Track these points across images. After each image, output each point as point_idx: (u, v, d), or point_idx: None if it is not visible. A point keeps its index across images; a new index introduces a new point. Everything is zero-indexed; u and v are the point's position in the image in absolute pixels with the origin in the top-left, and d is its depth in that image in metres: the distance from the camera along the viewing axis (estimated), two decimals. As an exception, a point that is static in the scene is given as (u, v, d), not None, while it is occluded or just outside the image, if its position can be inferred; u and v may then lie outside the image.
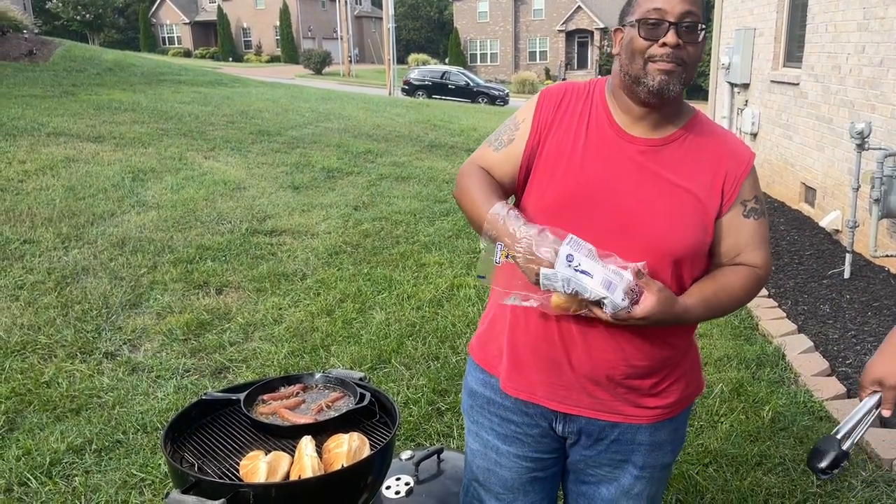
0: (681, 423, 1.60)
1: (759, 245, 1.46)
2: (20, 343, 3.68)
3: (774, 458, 2.94)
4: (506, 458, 1.61)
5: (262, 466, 1.38)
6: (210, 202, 6.37)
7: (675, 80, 1.37)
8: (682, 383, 1.55)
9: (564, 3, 44.25)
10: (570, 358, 1.47)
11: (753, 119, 8.07)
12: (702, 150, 1.46)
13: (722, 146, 1.47)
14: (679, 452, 1.66)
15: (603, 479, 1.59)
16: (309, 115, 12.11)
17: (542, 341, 1.49)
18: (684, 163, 1.44)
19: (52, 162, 7.13)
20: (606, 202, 1.40)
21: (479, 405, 1.64)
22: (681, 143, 1.45)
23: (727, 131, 1.53)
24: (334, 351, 3.76)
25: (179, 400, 3.21)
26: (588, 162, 1.43)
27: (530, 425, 1.57)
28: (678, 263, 1.42)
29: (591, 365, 1.46)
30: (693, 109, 1.51)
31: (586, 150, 1.44)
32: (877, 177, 4.62)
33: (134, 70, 16.03)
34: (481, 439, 1.64)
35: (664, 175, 1.42)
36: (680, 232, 1.40)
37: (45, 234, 5.23)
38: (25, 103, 10.19)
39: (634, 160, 1.43)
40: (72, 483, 2.65)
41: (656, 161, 1.43)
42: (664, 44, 1.35)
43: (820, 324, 4.27)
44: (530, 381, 1.53)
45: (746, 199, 1.46)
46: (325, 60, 39.78)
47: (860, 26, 5.56)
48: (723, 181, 1.44)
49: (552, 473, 1.65)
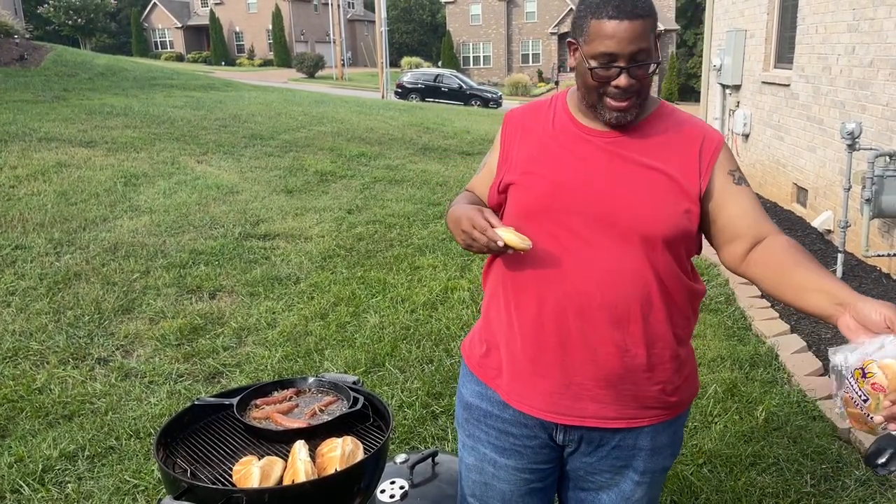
0: (679, 425, 1.59)
1: (764, 212, 1.46)
2: (12, 349, 3.66)
3: (768, 458, 2.95)
4: (504, 471, 1.58)
5: (256, 471, 1.38)
6: (203, 206, 6.36)
7: (630, 111, 1.40)
8: (685, 384, 1.54)
9: (556, 6, 44.37)
10: (570, 361, 1.45)
11: (745, 120, 8.10)
12: (670, 134, 1.46)
13: (690, 129, 1.47)
14: (677, 455, 1.65)
15: (603, 485, 1.57)
16: (302, 119, 12.10)
17: (540, 349, 1.47)
18: (653, 146, 1.44)
19: (44, 167, 7.10)
20: (584, 195, 1.41)
21: (475, 418, 1.60)
22: (647, 130, 1.46)
23: (694, 117, 1.52)
24: (328, 355, 3.75)
25: (172, 405, 3.20)
26: (559, 162, 1.45)
27: (529, 437, 1.54)
28: (668, 244, 1.41)
29: (594, 365, 1.43)
30: (657, 100, 1.51)
31: (555, 151, 1.47)
32: (868, 177, 4.64)
33: (126, 74, 15.98)
34: (478, 453, 1.61)
35: (634, 158, 1.42)
36: (661, 212, 1.40)
37: (37, 239, 5.20)
38: (17, 108, 10.14)
39: (603, 150, 1.44)
40: (64, 490, 2.63)
41: (624, 147, 1.43)
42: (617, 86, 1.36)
43: (812, 323, 4.29)
44: (532, 392, 1.50)
45: (732, 170, 1.45)
46: (317, 64, 39.77)
47: (850, 27, 5.60)
48: (697, 159, 1.43)
49: (550, 483, 1.63)
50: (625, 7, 1.30)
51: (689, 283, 1.48)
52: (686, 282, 1.47)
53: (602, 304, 1.40)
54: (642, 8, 1.31)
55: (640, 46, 1.32)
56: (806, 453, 2.98)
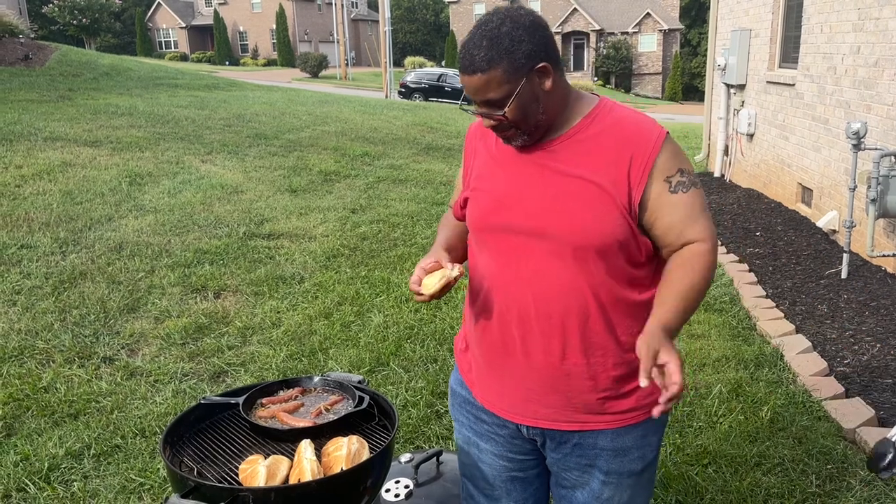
0: (649, 430, 1.55)
1: (697, 217, 1.42)
2: (18, 348, 3.68)
3: (773, 458, 2.94)
4: (485, 454, 1.66)
5: (262, 470, 1.38)
6: (207, 206, 6.37)
7: (519, 137, 1.44)
8: (637, 392, 1.49)
9: (560, 5, 44.32)
10: (517, 367, 1.51)
11: (750, 120, 8.08)
12: (602, 139, 1.44)
13: (624, 131, 1.43)
14: (650, 461, 1.58)
15: (576, 483, 1.59)
16: (306, 119, 12.11)
17: (492, 352, 1.55)
18: (585, 154, 1.43)
19: (49, 167, 7.12)
20: (520, 210, 1.46)
21: (458, 403, 1.71)
22: (579, 138, 1.45)
23: (635, 113, 1.48)
24: (332, 354, 3.75)
25: (178, 404, 3.20)
26: (498, 177, 1.51)
27: (499, 426, 1.61)
28: (602, 254, 1.41)
29: (538, 373, 1.49)
30: (594, 100, 1.49)
31: (495, 167, 1.53)
32: (873, 177, 4.63)
33: (130, 74, 16.02)
34: (463, 436, 1.71)
35: (565, 170, 1.43)
36: (591, 223, 1.40)
37: (43, 238, 5.22)
38: (22, 108, 10.17)
39: (536, 163, 1.47)
40: (70, 488, 2.64)
41: (556, 160, 1.45)
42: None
43: (818, 324, 4.28)
44: (491, 392, 1.59)
45: (669, 176, 1.41)
46: (321, 64, 39.77)
47: (855, 27, 5.58)
48: (628, 167, 1.40)
49: (534, 475, 1.67)
50: (464, 63, 1.38)
51: (628, 292, 1.46)
52: (624, 291, 1.45)
53: (538, 316, 1.46)
54: (479, 65, 1.35)
55: (484, 97, 1.38)
56: (811, 454, 2.97)
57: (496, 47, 1.34)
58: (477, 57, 1.35)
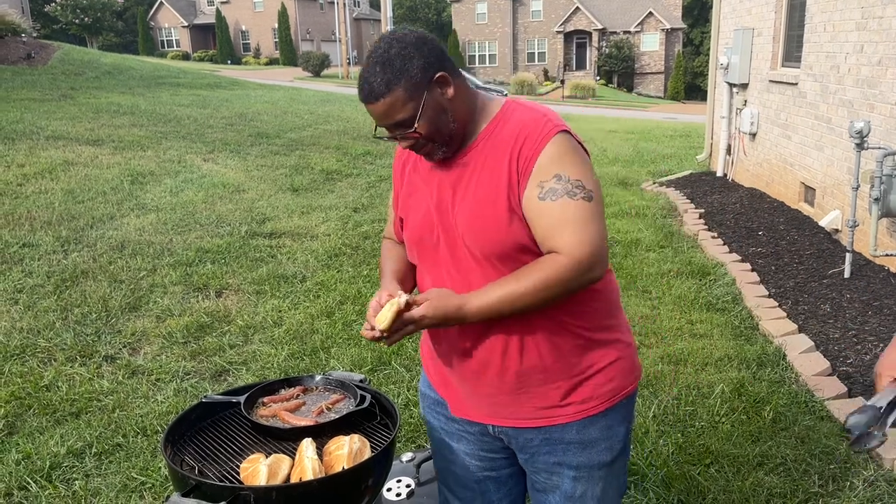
0: (615, 420, 1.55)
1: (563, 228, 1.36)
2: (20, 347, 3.68)
3: (776, 458, 2.94)
4: (457, 455, 1.68)
5: (263, 469, 1.38)
6: (209, 205, 6.37)
7: (438, 150, 1.45)
8: (599, 378, 1.51)
9: (563, 4, 44.29)
10: (466, 371, 1.54)
11: (752, 119, 8.07)
12: (501, 140, 1.44)
13: (517, 128, 1.42)
14: (619, 452, 1.58)
15: (546, 486, 1.60)
16: (308, 118, 12.11)
17: (447, 359, 1.58)
18: (487, 161, 1.45)
19: (51, 165, 7.12)
20: (439, 226, 1.50)
21: (428, 406, 1.72)
22: (483, 146, 1.46)
23: (534, 110, 1.46)
24: (334, 353, 3.75)
25: (179, 403, 3.20)
26: (421, 195, 1.54)
27: (470, 423, 1.63)
28: (505, 259, 1.43)
29: (485, 376, 1.52)
30: (500, 104, 1.49)
31: (419, 185, 1.56)
32: (876, 176, 4.61)
33: (132, 73, 16.03)
34: (435, 439, 1.73)
35: (473, 181, 1.46)
36: (491, 230, 1.42)
37: (45, 237, 5.22)
38: (24, 107, 10.18)
39: (450, 177, 1.49)
40: (72, 487, 2.64)
41: (465, 172, 1.47)
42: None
43: (820, 323, 4.27)
44: (452, 395, 1.63)
45: (543, 180, 1.38)
46: (323, 63, 39.77)
47: (858, 25, 5.57)
48: (516, 165, 1.40)
49: (506, 475, 1.68)
50: (365, 93, 1.40)
51: None
52: None
53: (479, 322, 1.46)
54: (379, 91, 1.37)
55: (393, 120, 1.40)
56: (814, 453, 2.96)
57: (390, 70, 1.36)
58: (375, 84, 1.37)
